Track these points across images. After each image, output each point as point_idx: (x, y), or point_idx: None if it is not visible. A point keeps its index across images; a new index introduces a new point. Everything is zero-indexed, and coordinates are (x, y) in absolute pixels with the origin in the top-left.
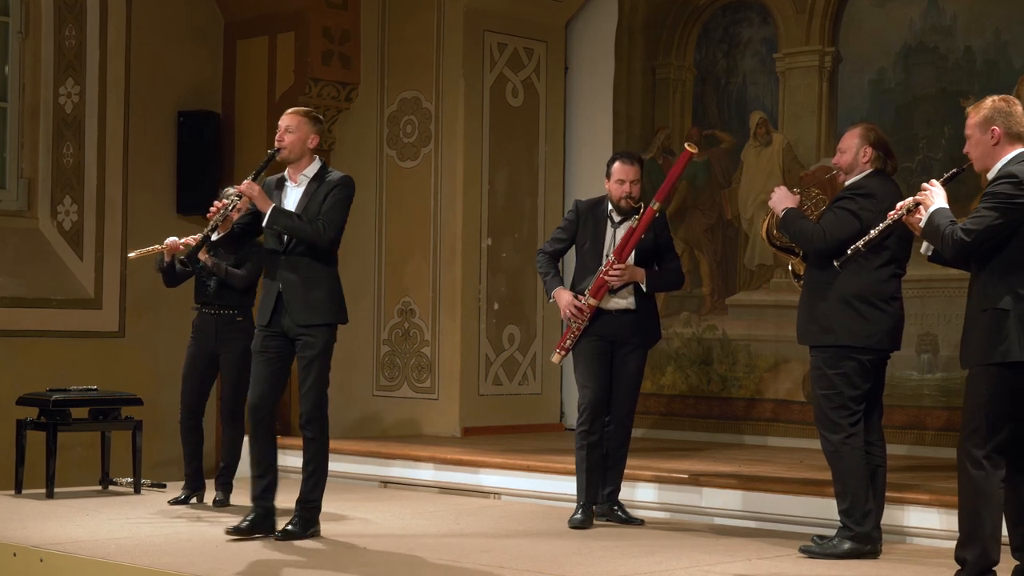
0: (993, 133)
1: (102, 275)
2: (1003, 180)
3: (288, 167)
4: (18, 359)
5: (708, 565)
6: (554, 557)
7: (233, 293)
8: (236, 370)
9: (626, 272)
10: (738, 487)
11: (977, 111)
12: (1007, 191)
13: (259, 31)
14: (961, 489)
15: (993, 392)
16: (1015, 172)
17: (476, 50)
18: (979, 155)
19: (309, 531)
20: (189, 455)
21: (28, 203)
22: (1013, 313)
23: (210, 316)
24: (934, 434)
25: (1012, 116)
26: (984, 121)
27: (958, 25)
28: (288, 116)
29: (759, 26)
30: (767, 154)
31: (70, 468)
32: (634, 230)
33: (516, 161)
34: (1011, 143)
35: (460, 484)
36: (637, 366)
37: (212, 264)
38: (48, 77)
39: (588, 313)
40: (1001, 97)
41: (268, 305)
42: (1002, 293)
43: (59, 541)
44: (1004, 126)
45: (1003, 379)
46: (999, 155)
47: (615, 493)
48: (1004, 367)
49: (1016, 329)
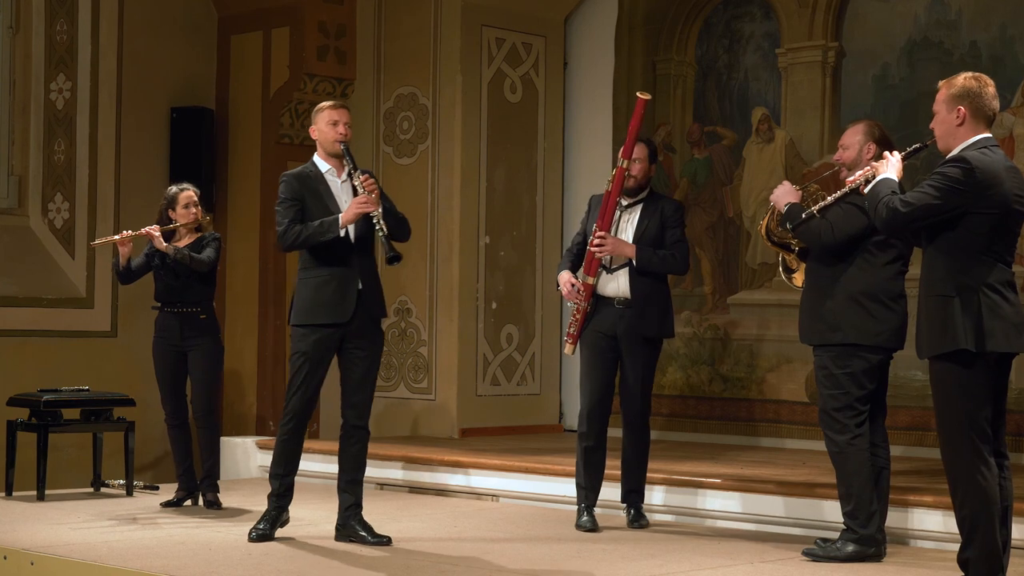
0: (959, 112)
1: (94, 274)
2: (954, 163)
3: (332, 160)
4: (8, 359)
5: (709, 568)
6: (553, 561)
7: (195, 289)
8: (204, 370)
9: (608, 241)
10: (740, 489)
11: (948, 87)
12: (955, 175)
13: (253, 26)
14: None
15: (952, 386)
16: (969, 158)
17: (474, 45)
18: (942, 133)
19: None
20: (179, 456)
21: (19, 200)
22: (958, 300)
23: (173, 315)
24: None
25: (982, 97)
26: (952, 99)
27: (963, 20)
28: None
29: (761, 21)
30: (769, 151)
31: (61, 470)
32: (610, 194)
33: (514, 158)
34: (976, 125)
35: (458, 486)
36: (643, 365)
37: (174, 252)
38: (39, 73)
39: (584, 292)
40: (973, 75)
41: (348, 303)
42: (947, 281)
43: (50, 544)
44: (971, 107)
45: (957, 369)
46: (962, 136)
47: (632, 494)
48: (956, 357)
49: (962, 317)
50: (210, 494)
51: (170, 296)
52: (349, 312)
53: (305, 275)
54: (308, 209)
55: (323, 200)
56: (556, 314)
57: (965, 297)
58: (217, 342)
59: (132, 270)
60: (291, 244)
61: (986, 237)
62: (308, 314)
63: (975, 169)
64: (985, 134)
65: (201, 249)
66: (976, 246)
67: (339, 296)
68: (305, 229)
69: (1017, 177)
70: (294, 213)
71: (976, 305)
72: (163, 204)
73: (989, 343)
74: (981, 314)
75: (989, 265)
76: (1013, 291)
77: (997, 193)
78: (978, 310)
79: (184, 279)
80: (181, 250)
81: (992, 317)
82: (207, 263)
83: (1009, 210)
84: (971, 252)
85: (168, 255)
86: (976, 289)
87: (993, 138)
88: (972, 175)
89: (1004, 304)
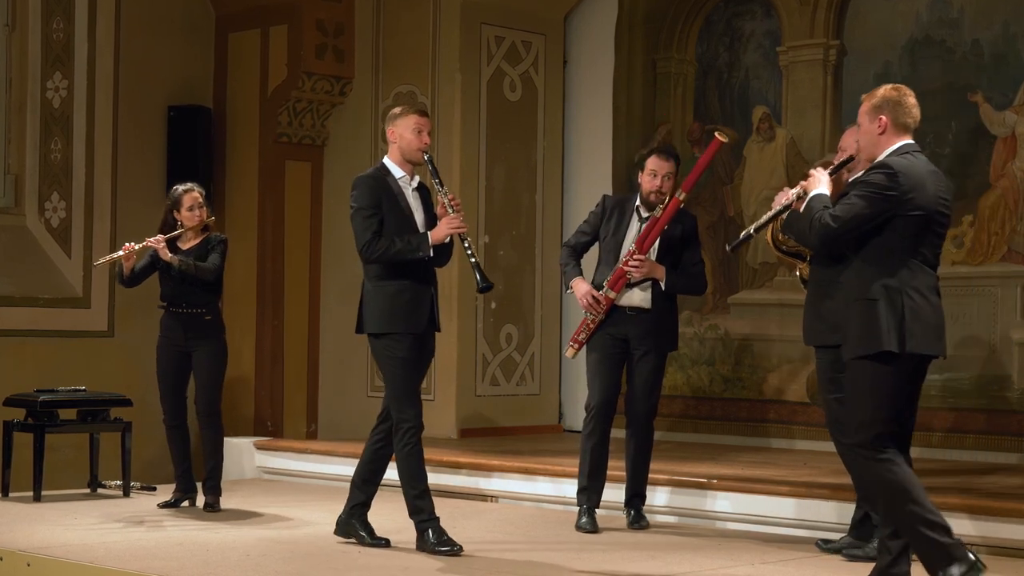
0: (880, 122)
1: (91, 273)
2: (878, 170)
3: (406, 166)
4: (5, 359)
5: (711, 570)
6: (553, 562)
7: (201, 292)
8: (208, 370)
9: (645, 264)
10: (740, 490)
11: (869, 99)
12: (880, 182)
13: (251, 24)
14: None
15: (873, 383)
16: (891, 164)
17: (473, 43)
18: (866, 143)
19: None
20: (177, 457)
21: (15, 199)
22: (882, 303)
23: (178, 315)
24: (941, 436)
25: (901, 106)
26: (873, 109)
27: (965, 18)
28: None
29: (762, 19)
30: (770, 150)
31: (58, 470)
32: (657, 220)
33: (514, 157)
34: (898, 133)
35: (457, 487)
36: (652, 369)
37: (179, 262)
38: (35, 71)
39: (605, 306)
40: (893, 86)
41: (424, 311)
42: (871, 284)
43: (47, 545)
44: (892, 116)
45: (878, 369)
46: (885, 145)
47: (635, 498)
48: (878, 357)
49: (886, 319)
50: (210, 496)
51: (175, 297)
52: (424, 323)
53: (379, 284)
54: (383, 215)
55: (398, 204)
56: (556, 314)
57: (890, 300)
58: (221, 342)
59: (136, 274)
60: (377, 258)
61: (911, 241)
62: (389, 323)
63: (899, 174)
64: (907, 140)
65: (207, 253)
66: (902, 250)
67: (414, 306)
68: (392, 245)
69: (941, 181)
70: (377, 224)
71: (900, 307)
72: (168, 205)
73: (910, 344)
74: (904, 316)
75: (914, 268)
76: (936, 295)
77: (921, 197)
78: (902, 312)
79: (190, 283)
80: (186, 261)
81: (914, 319)
82: (212, 271)
83: (933, 213)
84: (897, 256)
85: (173, 266)
86: (901, 291)
87: (915, 144)
88: (896, 180)
89: (926, 307)
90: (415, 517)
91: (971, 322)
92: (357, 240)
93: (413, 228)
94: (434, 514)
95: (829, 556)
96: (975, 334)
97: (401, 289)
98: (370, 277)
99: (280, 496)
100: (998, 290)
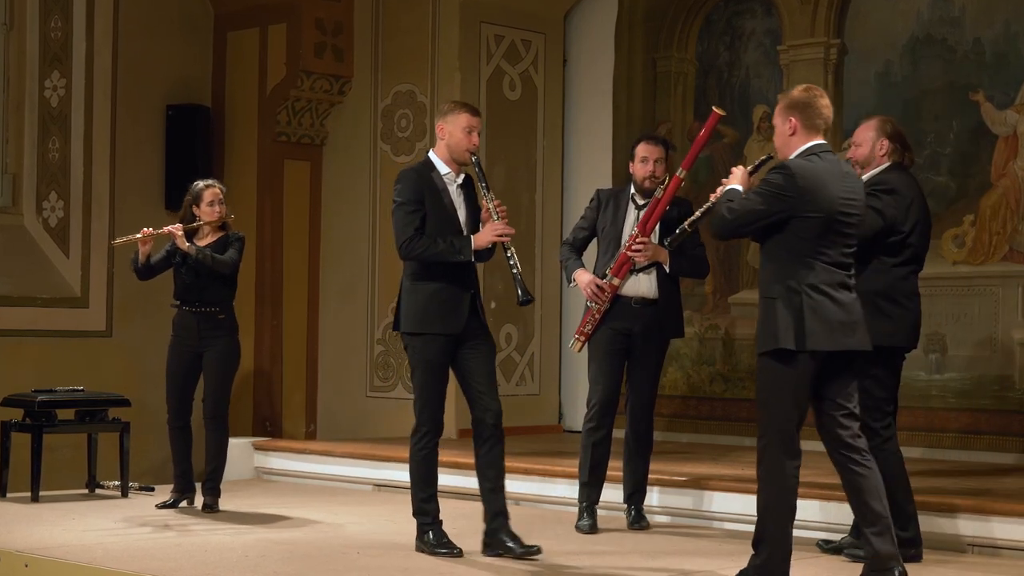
0: (791, 123)
1: (89, 273)
2: (778, 170)
3: (452, 164)
4: (2, 359)
5: (710, 570)
6: (553, 563)
7: (215, 289)
8: (219, 370)
9: (649, 247)
10: (741, 490)
11: (783, 100)
12: (777, 182)
13: (250, 23)
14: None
15: (775, 380)
16: (791, 165)
17: (472, 42)
18: (780, 144)
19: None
20: (178, 457)
21: (12, 199)
22: (780, 302)
23: (192, 314)
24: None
25: (811, 107)
26: (784, 110)
27: (967, 16)
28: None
29: (763, 18)
30: (771, 149)
31: (56, 471)
32: (659, 201)
33: (513, 156)
34: (808, 134)
35: (456, 487)
36: (655, 362)
37: (196, 252)
38: (33, 70)
39: (609, 293)
40: (805, 87)
41: (462, 312)
42: (773, 283)
43: (45, 546)
44: (801, 117)
45: (778, 367)
46: (795, 145)
47: (635, 494)
48: (777, 355)
49: (784, 317)
50: (209, 497)
51: (189, 295)
52: (461, 323)
53: (416, 283)
54: (425, 211)
55: (442, 201)
56: (555, 314)
57: (788, 298)
58: (235, 342)
59: (151, 266)
60: (416, 256)
61: (812, 241)
62: (421, 323)
63: (796, 176)
64: (817, 140)
65: (224, 249)
66: (802, 249)
67: (451, 307)
68: (434, 245)
69: (849, 182)
70: (419, 220)
71: (798, 306)
72: (188, 199)
73: (809, 342)
74: (803, 315)
75: (815, 267)
76: (844, 291)
77: (820, 197)
78: (800, 311)
79: (205, 278)
80: (203, 250)
81: (813, 317)
82: (229, 264)
83: (835, 214)
84: (797, 255)
85: (190, 255)
86: (799, 291)
87: (826, 144)
88: (793, 181)
89: (829, 304)
90: (419, 518)
91: (972, 322)
92: (397, 236)
93: (456, 226)
94: (438, 518)
95: (830, 556)
96: (976, 334)
97: (438, 290)
98: (408, 275)
99: (279, 496)
100: (999, 290)
